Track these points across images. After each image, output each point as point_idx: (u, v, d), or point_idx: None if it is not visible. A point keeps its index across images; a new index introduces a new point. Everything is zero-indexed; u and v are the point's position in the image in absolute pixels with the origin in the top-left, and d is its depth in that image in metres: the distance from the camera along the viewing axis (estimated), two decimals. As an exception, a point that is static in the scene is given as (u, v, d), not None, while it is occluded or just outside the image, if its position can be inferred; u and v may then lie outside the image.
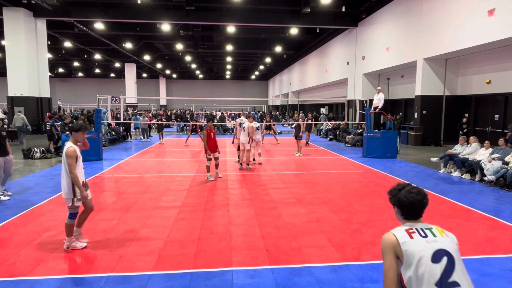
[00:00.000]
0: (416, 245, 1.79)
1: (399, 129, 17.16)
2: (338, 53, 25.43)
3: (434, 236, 1.84)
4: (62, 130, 12.55)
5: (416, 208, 1.91)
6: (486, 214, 6.21)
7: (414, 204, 1.91)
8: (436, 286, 1.73)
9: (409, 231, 1.86)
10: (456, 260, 1.79)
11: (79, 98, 51.34)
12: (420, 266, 1.76)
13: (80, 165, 4.57)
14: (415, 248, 1.79)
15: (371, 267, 4.17)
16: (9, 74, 20.25)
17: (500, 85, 13.70)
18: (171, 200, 7.08)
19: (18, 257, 4.40)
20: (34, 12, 20.07)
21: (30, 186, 8.12)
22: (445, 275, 1.75)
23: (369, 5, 19.36)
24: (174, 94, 56.35)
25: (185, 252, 4.55)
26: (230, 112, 33.60)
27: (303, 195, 7.48)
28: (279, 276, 3.94)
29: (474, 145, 9.72)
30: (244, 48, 31.05)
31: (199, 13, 20.28)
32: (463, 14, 13.02)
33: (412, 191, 1.93)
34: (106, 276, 3.93)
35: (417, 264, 1.76)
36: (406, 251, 1.79)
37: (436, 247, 1.79)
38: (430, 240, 1.82)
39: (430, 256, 1.77)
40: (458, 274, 1.76)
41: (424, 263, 1.76)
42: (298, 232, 5.30)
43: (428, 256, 1.77)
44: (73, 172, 4.39)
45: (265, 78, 59.42)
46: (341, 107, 28.80)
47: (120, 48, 30.10)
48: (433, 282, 1.73)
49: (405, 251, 1.79)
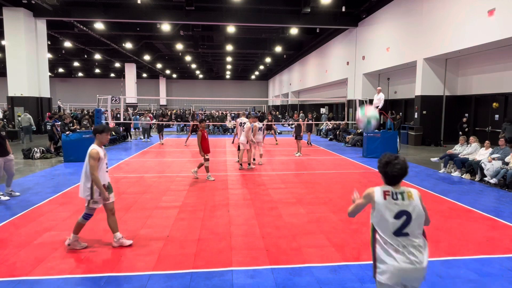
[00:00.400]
0: (386, 205, 2.44)
1: (399, 129, 17.16)
2: (338, 53, 25.43)
3: (403, 200, 2.45)
4: (62, 130, 12.54)
5: (396, 180, 2.48)
6: (486, 214, 6.20)
7: (396, 177, 2.47)
8: (392, 233, 2.42)
9: (386, 193, 2.47)
10: (413, 218, 2.42)
11: (79, 98, 51.33)
12: (384, 218, 2.43)
13: (103, 167, 4.55)
14: (385, 207, 2.44)
15: (371, 267, 4.17)
16: (9, 74, 20.25)
17: (500, 85, 13.70)
18: (171, 200, 7.08)
19: (18, 257, 4.40)
20: (34, 12, 20.08)
21: (30, 186, 8.12)
22: (401, 227, 2.41)
23: (369, 5, 19.36)
24: (174, 94, 56.35)
25: (185, 252, 4.55)
26: (231, 112, 33.56)
27: (303, 195, 7.48)
28: (279, 276, 3.94)
29: (474, 145, 9.72)
30: (244, 48, 31.05)
31: (199, 13, 20.28)
32: (463, 14, 13.03)
33: (396, 167, 2.45)
34: (106, 276, 3.93)
35: (383, 216, 2.44)
36: (378, 206, 2.47)
37: (401, 209, 2.42)
38: (398, 203, 2.44)
39: (394, 214, 2.42)
40: (410, 228, 2.42)
41: (388, 218, 2.42)
42: (298, 232, 5.30)
43: (392, 214, 2.42)
44: (95, 174, 4.39)
45: (265, 78, 59.42)
46: (341, 107, 28.80)
47: (120, 48, 30.10)
48: (391, 231, 2.42)
49: (376, 205, 2.47)
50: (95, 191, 4.47)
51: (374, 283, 3.83)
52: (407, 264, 2.36)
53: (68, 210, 6.32)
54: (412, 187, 8.33)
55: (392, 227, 2.41)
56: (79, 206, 6.57)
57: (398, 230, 2.41)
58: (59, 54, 35.10)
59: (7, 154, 7.07)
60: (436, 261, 4.33)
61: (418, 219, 2.44)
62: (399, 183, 2.50)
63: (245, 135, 10.23)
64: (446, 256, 4.48)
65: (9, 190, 7.23)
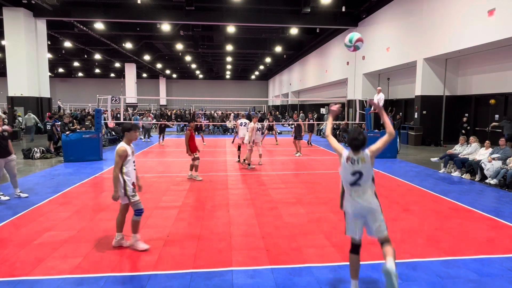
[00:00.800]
0: (347, 166, 3.39)
1: (399, 129, 17.16)
2: (338, 53, 25.42)
3: (358, 164, 3.34)
4: (62, 130, 12.53)
5: (357, 149, 3.36)
6: (486, 214, 6.20)
7: (357, 147, 3.35)
8: (349, 184, 3.39)
9: (348, 158, 3.39)
10: (364, 174, 3.33)
11: (79, 98, 51.32)
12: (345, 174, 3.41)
13: (131, 165, 4.58)
14: (346, 167, 3.39)
15: (371, 267, 4.17)
16: (9, 74, 20.25)
17: (500, 85, 13.70)
18: (171, 200, 7.08)
19: (18, 257, 4.40)
20: (34, 12, 20.08)
21: (30, 186, 8.11)
22: (356, 180, 3.36)
23: (369, 5, 19.36)
24: (174, 94, 56.35)
25: (185, 252, 4.55)
26: (234, 112, 33.43)
27: (303, 195, 7.48)
28: (279, 276, 3.94)
29: (474, 145, 9.71)
30: (244, 48, 31.04)
31: (199, 13, 20.28)
32: (463, 14, 13.03)
33: (356, 142, 3.33)
34: (106, 276, 3.93)
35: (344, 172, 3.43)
36: (342, 165, 3.45)
37: (356, 169, 3.34)
38: (355, 166, 3.35)
39: (351, 172, 3.36)
40: (361, 180, 3.35)
41: (347, 174, 3.39)
42: (298, 232, 5.30)
43: (350, 172, 3.37)
44: (116, 171, 4.45)
45: (265, 78, 59.42)
46: (341, 107, 28.75)
47: (120, 48, 30.10)
48: (349, 183, 3.39)
49: (342, 165, 3.45)
50: (127, 186, 4.49)
51: (374, 283, 3.85)
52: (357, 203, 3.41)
53: (68, 210, 6.32)
54: (412, 187, 8.32)
55: (350, 180, 3.41)
56: (79, 206, 6.57)
57: (353, 182, 3.40)
58: (59, 54, 35.11)
59: (8, 155, 6.99)
60: (436, 261, 4.33)
61: (367, 175, 3.39)
62: (359, 151, 3.37)
63: (249, 135, 10.27)
64: (446, 256, 4.48)
65: (18, 192, 7.16)
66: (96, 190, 7.95)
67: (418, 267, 4.19)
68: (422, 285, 3.79)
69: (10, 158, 7.04)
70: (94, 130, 12.40)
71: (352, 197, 3.42)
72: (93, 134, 11.95)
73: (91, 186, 8.28)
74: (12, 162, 7.12)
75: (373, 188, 3.46)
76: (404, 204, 6.81)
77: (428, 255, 4.50)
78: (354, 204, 3.41)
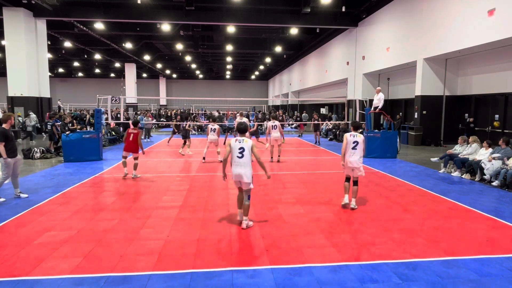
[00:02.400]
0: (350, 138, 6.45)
1: (399, 129, 17.16)
2: (338, 53, 25.43)
3: (355, 137, 6.43)
4: (62, 130, 12.54)
5: (356, 129, 6.63)
6: (486, 214, 6.20)
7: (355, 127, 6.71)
8: (351, 148, 6.41)
9: (351, 134, 6.49)
10: (359, 143, 6.37)
11: (79, 98, 51.32)
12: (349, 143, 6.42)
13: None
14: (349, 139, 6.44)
15: (371, 267, 4.17)
16: (9, 74, 20.24)
17: (500, 85, 13.70)
18: (171, 200, 7.08)
19: (18, 257, 4.40)
20: (34, 12, 20.07)
21: (30, 186, 8.11)
22: (354, 147, 6.38)
23: (369, 5, 19.35)
24: (174, 94, 56.34)
25: (185, 252, 4.55)
26: (236, 112, 33.24)
27: (303, 195, 7.48)
28: (279, 276, 3.94)
29: (475, 146, 9.70)
30: (244, 48, 31.03)
31: (199, 13, 20.28)
32: (463, 14, 13.02)
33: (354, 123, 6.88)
34: (106, 276, 3.93)
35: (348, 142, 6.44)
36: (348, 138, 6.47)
37: (355, 140, 6.41)
38: (355, 138, 6.42)
39: (352, 141, 6.41)
40: (358, 148, 6.36)
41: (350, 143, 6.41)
42: (298, 232, 5.30)
43: (352, 141, 6.41)
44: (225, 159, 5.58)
45: (265, 78, 59.41)
46: (341, 107, 28.80)
47: (120, 48, 30.09)
48: (351, 148, 6.39)
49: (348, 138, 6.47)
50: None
51: (374, 283, 3.85)
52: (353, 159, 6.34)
53: (68, 210, 6.32)
54: (412, 187, 8.32)
55: (351, 146, 6.34)
56: (79, 206, 6.58)
57: (353, 148, 6.35)
58: (59, 54, 35.09)
59: (17, 155, 7.07)
60: (436, 261, 4.33)
61: (361, 145, 6.37)
62: (357, 131, 6.56)
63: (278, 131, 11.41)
64: (446, 256, 4.47)
65: (18, 192, 7.17)
66: (96, 190, 7.95)
67: (418, 267, 4.19)
68: (422, 285, 3.79)
69: (18, 157, 7.15)
70: (93, 130, 12.39)
71: (349, 156, 6.40)
72: (93, 134, 11.95)
73: (91, 186, 8.28)
74: (19, 162, 7.21)
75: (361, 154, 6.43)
76: (404, 204, 6.81)
77: (428, 255, 4.50)
78: (350, 159, 6.38)
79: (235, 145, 5.30)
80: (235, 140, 5.32)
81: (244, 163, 5.25)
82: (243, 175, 5.24)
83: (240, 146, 5.25)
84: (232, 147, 5.33)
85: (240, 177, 5.28)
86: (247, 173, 5.27)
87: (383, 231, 5.34)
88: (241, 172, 5.23)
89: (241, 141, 5.29)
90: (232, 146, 5.32)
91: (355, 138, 6.35)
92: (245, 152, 5.25)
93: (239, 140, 5.30)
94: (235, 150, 5.29)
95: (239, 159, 5.24)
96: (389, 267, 4.16)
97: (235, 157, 5.28)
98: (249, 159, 5.29)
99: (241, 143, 5.27)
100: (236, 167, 5.28)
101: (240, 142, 5.28)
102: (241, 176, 5.25)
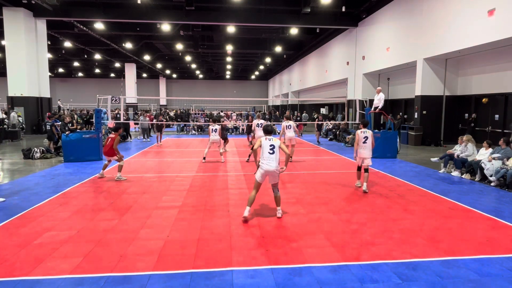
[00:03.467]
0: (360, 135, 7.94)
1: (399, 129, 17.16)
2: (338, 53, 25.43)
3: (271, 140, 5.93)
4: (62, 130, 12.53)
5: (365, 126, 8.13)
6: (486, 214, 6.20)
7: (365, 125, 8.19)
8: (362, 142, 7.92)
9: (361, 131, 7.98)
10: (368, 138, 7.88)
11: (79, 98, 51.34)
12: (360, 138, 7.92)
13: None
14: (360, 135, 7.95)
15: (371, 267, 4.17)
16: (9, 74, 20.25)
17: (500, 85, 13.70)
18: (171, 200, 7.08)
19: (18, 257, 4.40)
20: (34, 12, 20.09)
21: (30, 186, 8.11)
22: (364, 141, 7.88)
23: (369, 5, 19.36)
24: (174, 94, 56.36)
25: (185, 252, 4.55)
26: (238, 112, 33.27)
27: (303, 195, 7.48)
28: (279, 276, 3.94)
29: (470, 146, 9.65)
30: (244, 48, 31.04)
31: (199, 13, 20.28)
32: (463, 14, 13.03)
33: (364, 121, 8.42)
34: (106, 276, 3.93)
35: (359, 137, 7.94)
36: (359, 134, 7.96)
37: (365, 135, 7.91)
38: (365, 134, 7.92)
39: (363, 137, 7.90)
40: (368, 141, 7.89)
41: (361, 138, 7.91)
42: (298, 232, 5.30)
43: (363, 137, 7.91)
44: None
45: (265, 78, 59.41)
46: (341, 107, 28.80)
47: (120, 48, 30.10)
48: (362, 142, 7.91)
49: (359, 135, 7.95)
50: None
51: (374, 283, 3.84)
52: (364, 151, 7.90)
53: (68, 210, 6.32)
54: (412, 187, 8.33)
55: (363, 141, 7.86)
56: (79, 206, 6.57)
57: (364, 142, 7.85)
58: (59, 54, 35.11)
59: None
60: (436, 261, 4.33)
61: (370, 138, 7.88)
62: (366, 127, 8.08)
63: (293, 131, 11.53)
64: (446, 256, 4.47)
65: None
66: (96, 190, 7.94)
67: (418, 267, 4.19)
68: (422, 285, 3.79)
69: None
70: (93, 130, 12.39)
71: (361, 148, 7.84)
72: (93, 134, 11.95)
73: (91, 186, 8.28)
74: None
75: (371, 147, 7.84)
76: (404, 204, 6.81)
77: (428, 255, 4.50)
78: (361, 151, 7.83)
79: (266, 143, 5.92)
80: (265, 139, 5.97)
81: (275, 159, 5.87)
82: (274, 169, 5.85)
83: (271, 143, 5.91)
84: (263, 145, 5.93)
85: (271, 172, 5.88)
86: (277, 167, 5.92)
87: (383, 231, 5.34)
88: (273, 166, 5.85)
89: (270, 139, 5.98)
90: (263, 144, 5.94)
91: (365, 134, 7.82)
92: (275, 149, 5.90)
93: (269, 139, 5.97)
94: (266, 147, 5.89)
95: (270, 155, 5.85)
96: (389, 267, 4.16)
97: (266, 153, 5.87)
98: (278, 155, 5.92)
99: (271, 141, 5.95)
100: (267, 161, 5.84)
101: (270, 140, 5.96)
102: (273, 170, 5.85)
